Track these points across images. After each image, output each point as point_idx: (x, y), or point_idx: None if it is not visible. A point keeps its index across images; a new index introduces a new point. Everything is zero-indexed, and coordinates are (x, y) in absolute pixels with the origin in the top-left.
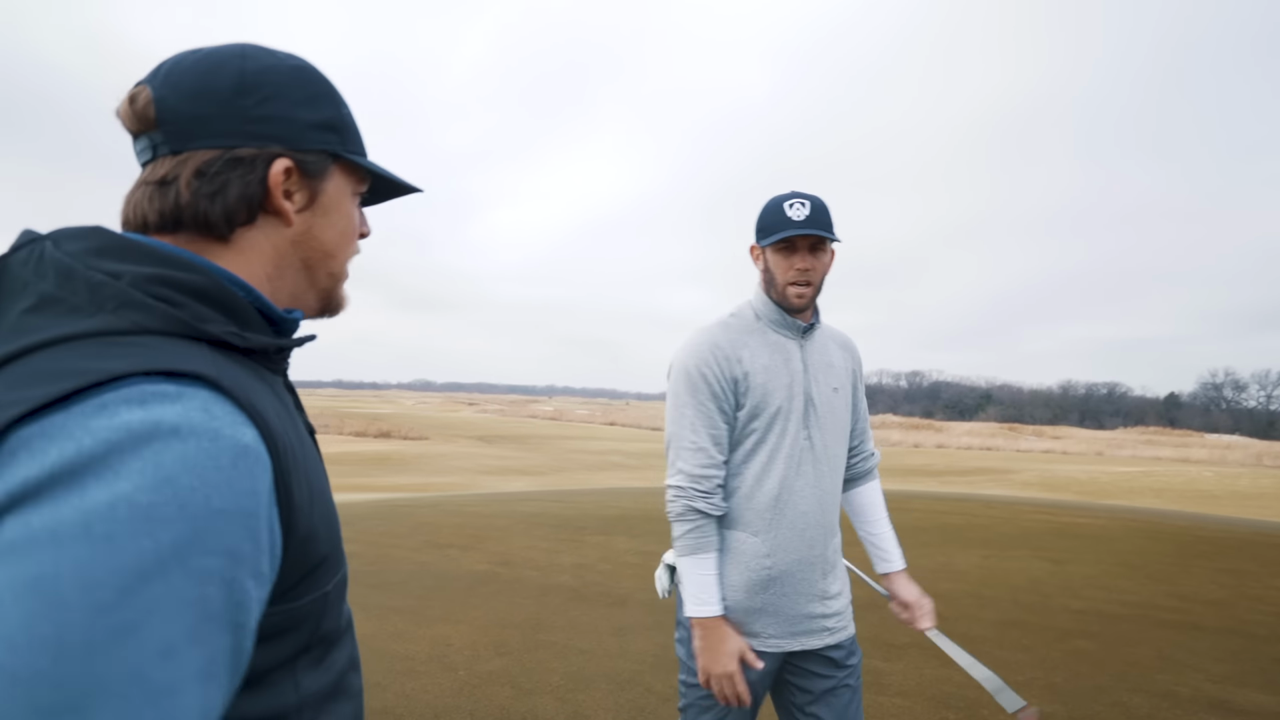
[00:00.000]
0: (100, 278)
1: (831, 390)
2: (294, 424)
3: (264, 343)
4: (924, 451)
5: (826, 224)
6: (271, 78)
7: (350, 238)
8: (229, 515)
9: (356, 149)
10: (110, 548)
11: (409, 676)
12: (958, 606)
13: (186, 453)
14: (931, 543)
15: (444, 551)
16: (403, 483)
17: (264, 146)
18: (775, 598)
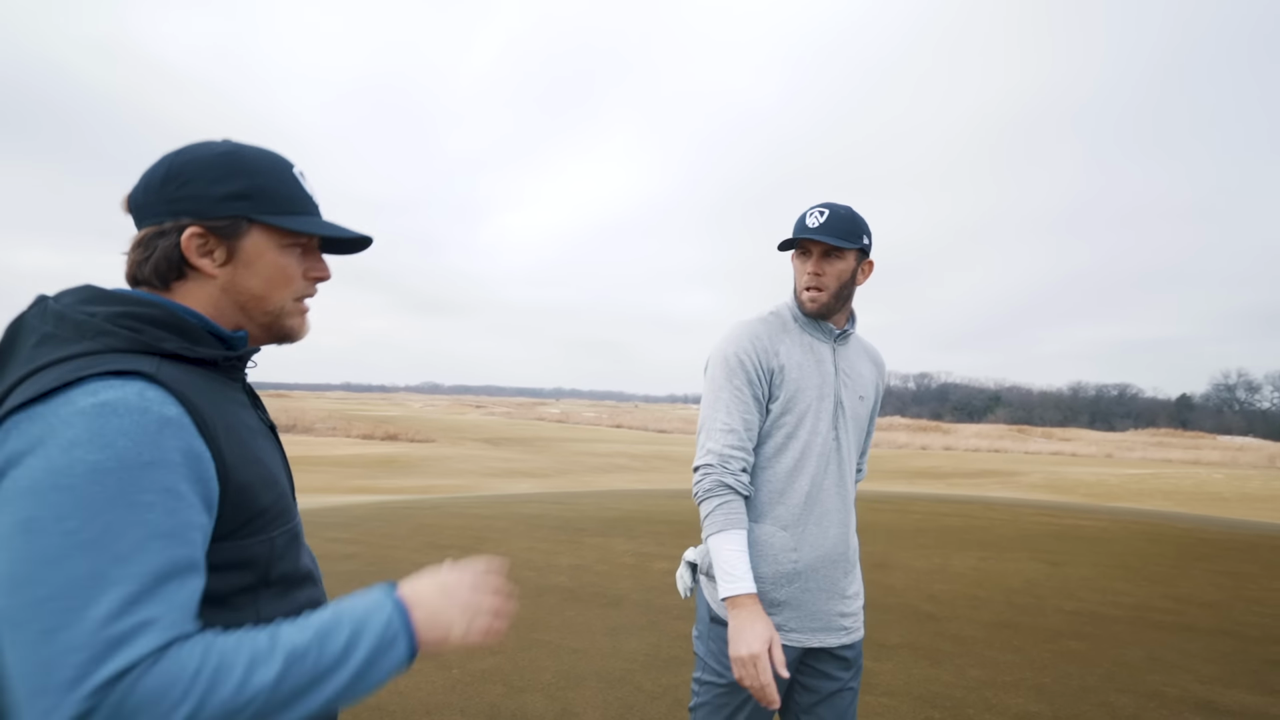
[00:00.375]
0: (83, 317)
1: (858, 398)
2: (239, 414)
3: (210, 354)
4: (931, 454)
5: (839, 232)
6: (192, 166)
7: (280, 283)
8: (156, 465)
9: (274, 210)
10: (72, 493)
11: (403, 675)
12: (951, 608)
13: (122, 423)
14: (929, 545)
15: (444, 552)
16: (408, 485)
17: (178, 219)
18: (800, 592)
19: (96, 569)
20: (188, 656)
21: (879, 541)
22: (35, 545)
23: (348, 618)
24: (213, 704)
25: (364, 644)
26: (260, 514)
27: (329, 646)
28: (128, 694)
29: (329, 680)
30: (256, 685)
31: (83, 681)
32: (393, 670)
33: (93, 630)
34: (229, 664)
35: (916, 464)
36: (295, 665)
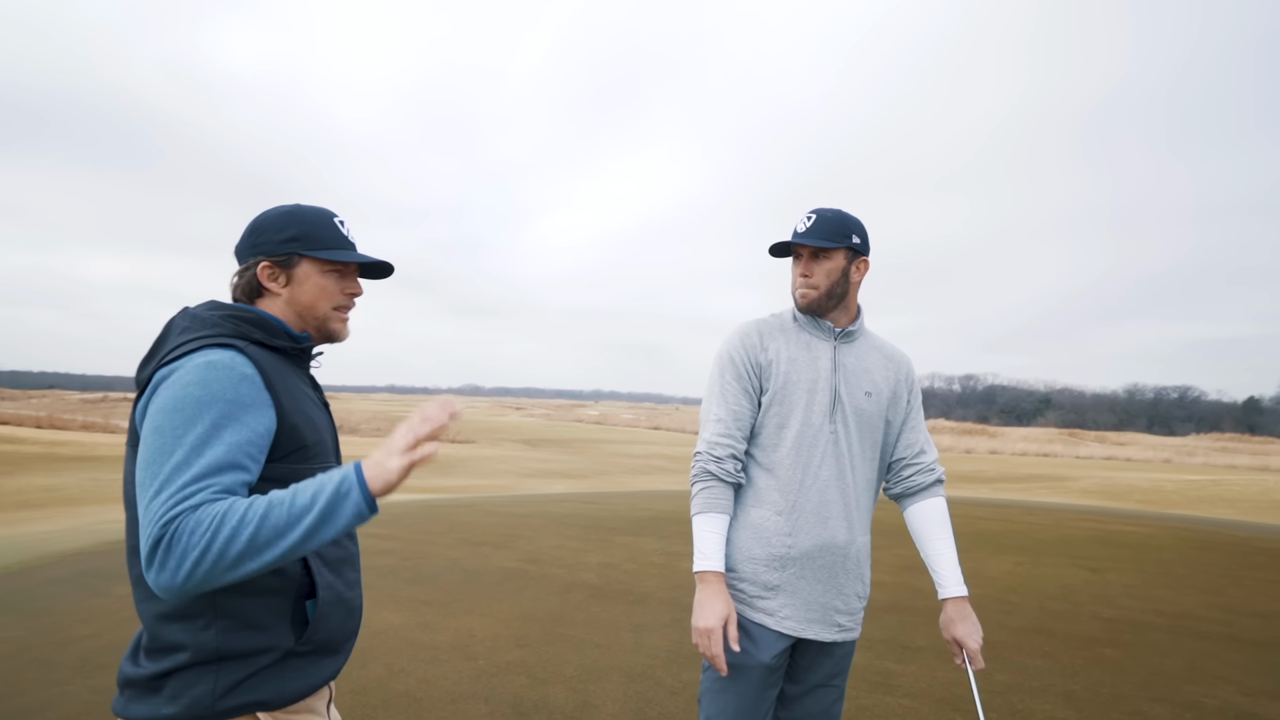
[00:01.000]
0: (206, 316)
1: (864, 394)
2: (299, 386)
3: (282, 344)
4: (976, 458)
5: (825, 234)
6: (264, 223)
7: (323, 297)
8: (235, 402)
9: (317, 247)
10: (182, 412)
11: (431, 664)
12: (982, 613)
13: (218, 374)
14: (963, 548)
15: (476, 549)
16: (448, 484)
17: (255, 258)
18: (794, 579)
19: (187, 458)
20: (215, 506)
21: (909, 544)
22: (159, 441)
23: (319, 479)
24: (222, 534)
25: (325, 493)
26: (303, 448)
27: (300, 497)
28: (179, 527)
29: (301, 520)
30: (248, 522)
31: (163, 518)
32: (354, 515)
33: (177, 489)
34: (234, 509)
35: (960, 468)
36: (275, 509)
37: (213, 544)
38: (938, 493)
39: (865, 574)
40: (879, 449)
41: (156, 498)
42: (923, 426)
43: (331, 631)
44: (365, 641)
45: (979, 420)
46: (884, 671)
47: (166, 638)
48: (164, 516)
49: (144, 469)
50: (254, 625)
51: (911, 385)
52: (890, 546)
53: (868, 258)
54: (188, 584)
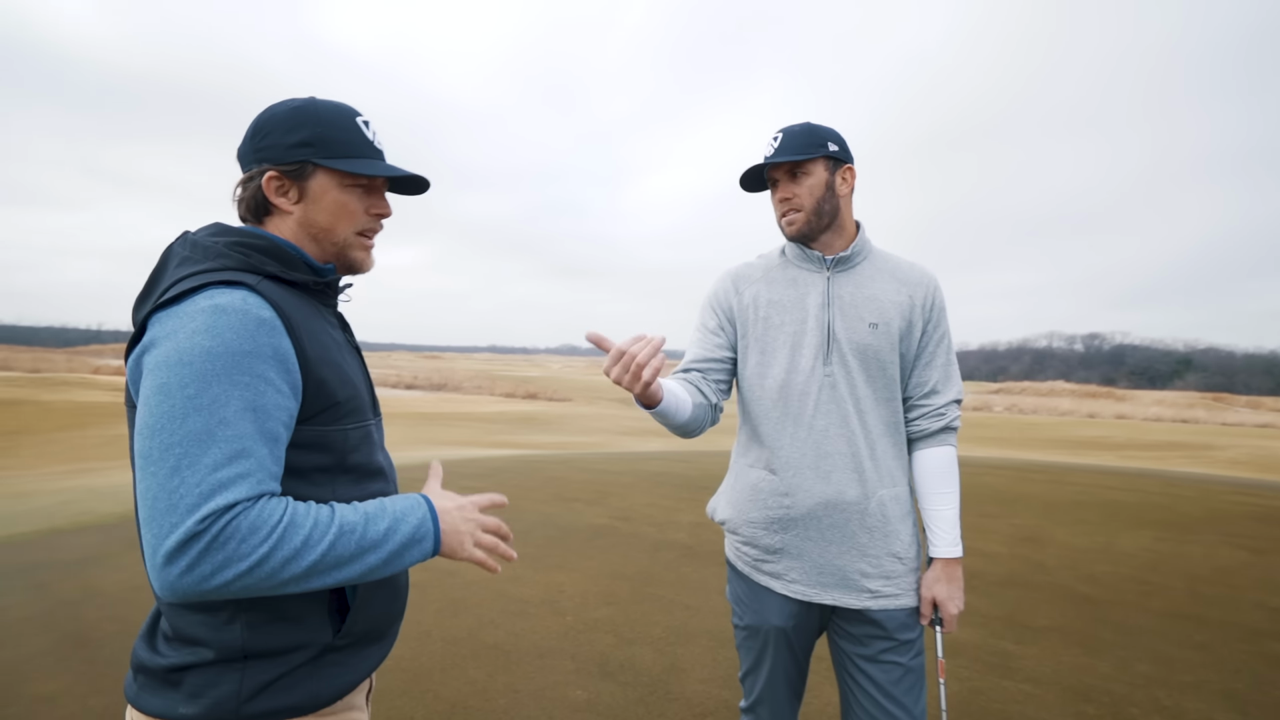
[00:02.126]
0: (209, 243)
1: (867, 327)
2: (325, 328)
3: (302, 278)
4: (1099, 423)
5: (796, 148)
6: (271, 121)
7: (344, 217)
8: (253, 354)
9: (334, 155)
10: (191, 367)
11: (520, 617)
12: (1115, 591)
13: (229, 320)
14: (1090, 520)
15: (569, 505)
16: (545, 441)
17: (260, 165)
18: (799, 540)
19: (208, 427)
20: (273, 510)
21: (1028, 514)
22: (165, 403)
23: (390, 510)
24: (281, 552)
25: (400, 533)
26: (335, 405)
27: (372, 528)
28: (227, 525)
29: (368, 555)
30: (314, 544)
31: (199, 507)
32: (418, 559)
33: (207, 471)
34: (299, 524)
35: (1080, 433)
36: (344, 537)
37: (270, 558)
38: (945, 441)
39: (903, 531)
40: (893, 387)
41: (178, 477)
42: (942, 362)
43: (375, 618)
44: (458, 592)
45: (1104, 382)
46: (1000, 652)
47: (186, 630)
48: (204, 508)
49: (151, 436)
50: (286, 619)
51: (932, 311)
52: (1004, 515)
53: (852, 165)
54: (219, 593)
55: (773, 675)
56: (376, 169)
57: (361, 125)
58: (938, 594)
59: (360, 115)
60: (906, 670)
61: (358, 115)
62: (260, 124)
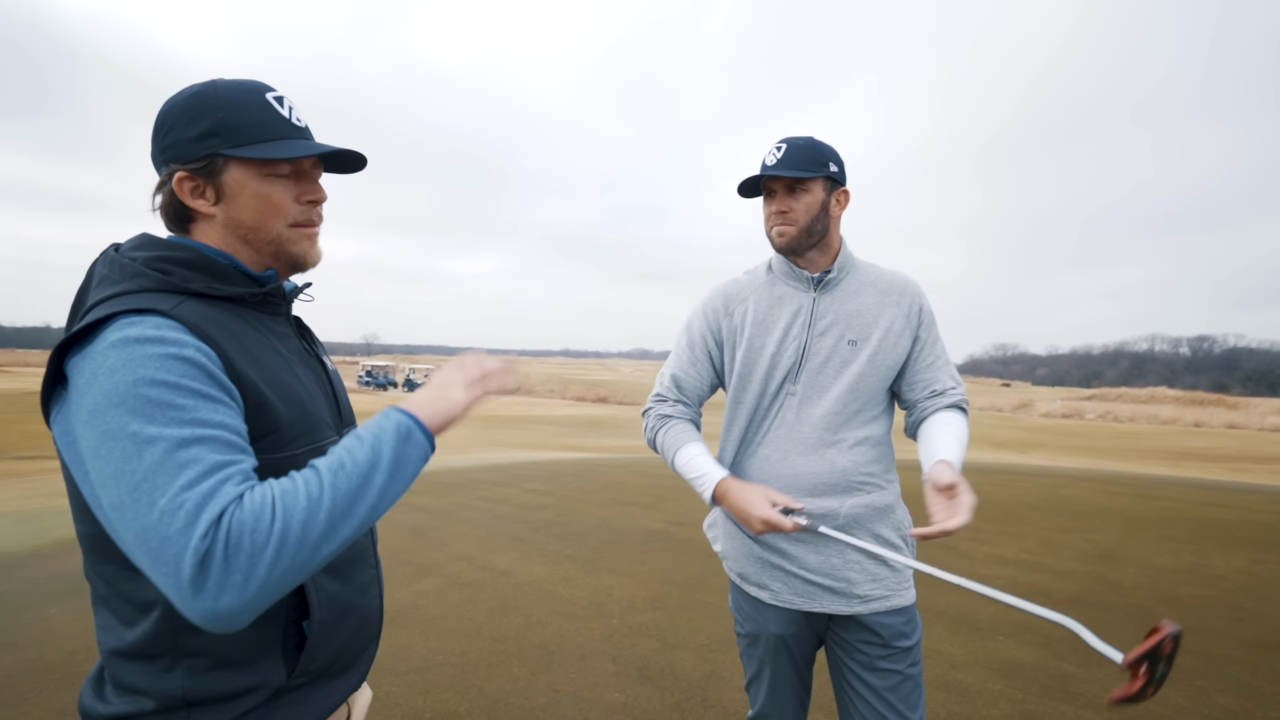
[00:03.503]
0: (127, 261)
1: (846, 344)
2: (269, 343)
3: (238, 292)
4: (1207, 432)
5: (799, 163)
6: (171, 114)
7: (270, 212)
8: (174, 386)
9: (243, 141)
10: (125, 406)
11: (568, 619)
12: (1200, 617)
13: (145, 350)
14: (1180, 538)
15: (625, 509)
16: (612, 444)
17: (168, 166)
18: (776, 556)
19: (166, 451)
20: (261, 493)
21: (1107, 529)
22: (116, 448)
23: (362, 433)
24: (295, 519)
25: (385, 443)
26: (277, 430)
27: (357, 455)
28: (230, 528)
29: (372, 478)
30: (317, 498)
31: (194, 525)
32: (421, 457)
33: (183, 490)
34: (292, 490)
35: (1184, 443)
36: (338, 475)
37: (288, 533)
38: (955, 409)
39: (885, 530)
40: (872, 399)
41: (157, 509)
42: (943, 363)
43: (338, 651)
44: (510, 591)
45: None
46: (1061, 675)
47: (125, 679)
48: (199, 525)
49: (116, 484)
50: (231, 663)
51: (918, 318)
52: (1079, 530)
53: (847, 188)
54: (264, 594)
55: (775, 684)
56: (293, 149)
57: (273, 102)
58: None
59: (272, 90)
60: (904, 678)
61: (268, 90)
62: (162, 118)
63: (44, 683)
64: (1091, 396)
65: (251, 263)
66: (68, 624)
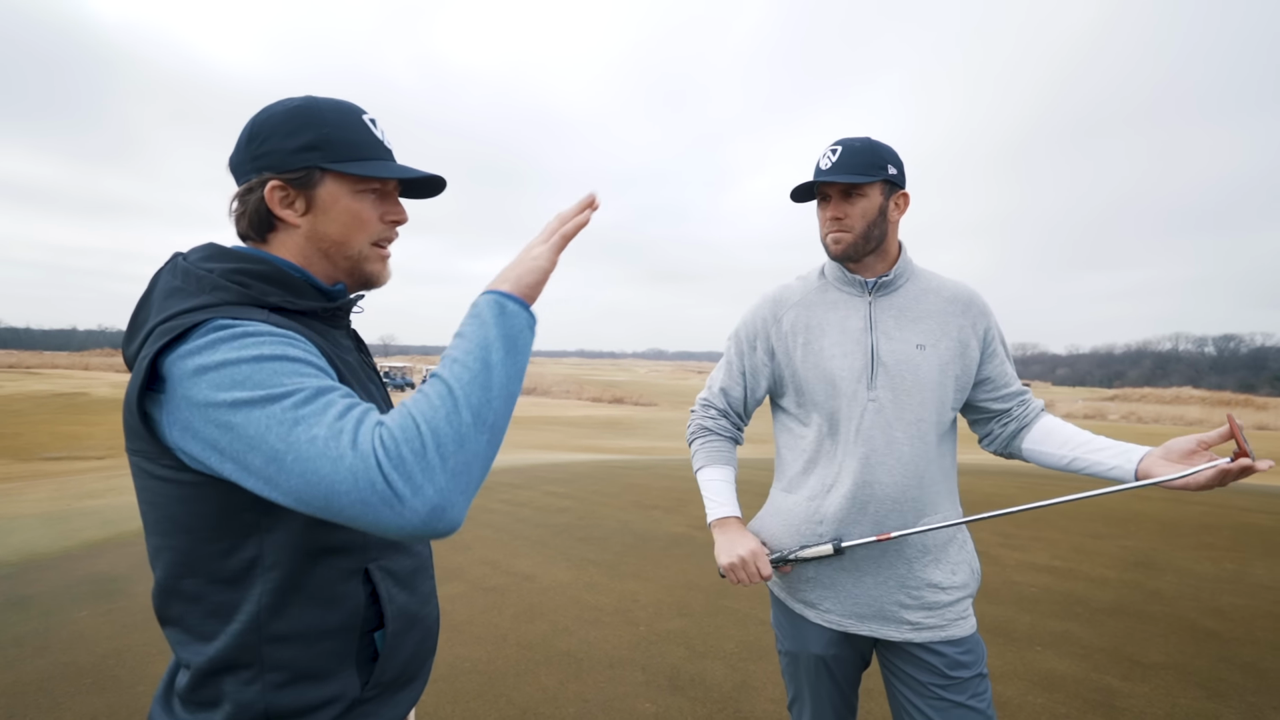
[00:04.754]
0: (202, 273)
1: (914, 347)
2: (342, 356)
3: (311, 306)
4: None
5: (856, 167)
6: (268, 124)
7: (357, 228)
8: (293, 358)
9: (343, 158)
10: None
11: (594, 625)
12: (1245, 628)
13: (255, 338)
14: (1218, 545)
15: (648, 512)
16: (629, 445)
17: (261, 175)
18: (831, 570)
19: (305, 399)
20: (397, 412)
21: (1143, 535)
22: (254, 411)
23: (461, 328)
24: (438, 419)
25: (487, 323)
26: None
27: (466, 345)
28: (391, 439)
29: (489, 360)
30: (445, 392)
31: (362, 438)
32: (525, 326)
33: (337, 418)
34: (420, 400)
35: None
36: (454, 368)
37: (441, 428)
38: (1048, 414)
39: (946, 561)
40: (945, 409)
41: (319, 439)
42: (1012, 370)
43: (407, 662)
44: (535, 597)
45: (1241, 389)
46: (1104, 688)
47: (205, 691)
48: (365, 437)
49: (263, 441)
50: (310, 675)
51: (985, 328)
52: (1113, 536)
53: (906, 191)
54: (454, 493)
55: (817, 705)
56: (392, 170)
57: (369, 123)
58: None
59: (366, 113)
60: (967, 710)
61: (363, 113)
62: (257, 128)
63: (76, 687)
64: (1114, 397)
65: (324, 276)
66: (98, 627)
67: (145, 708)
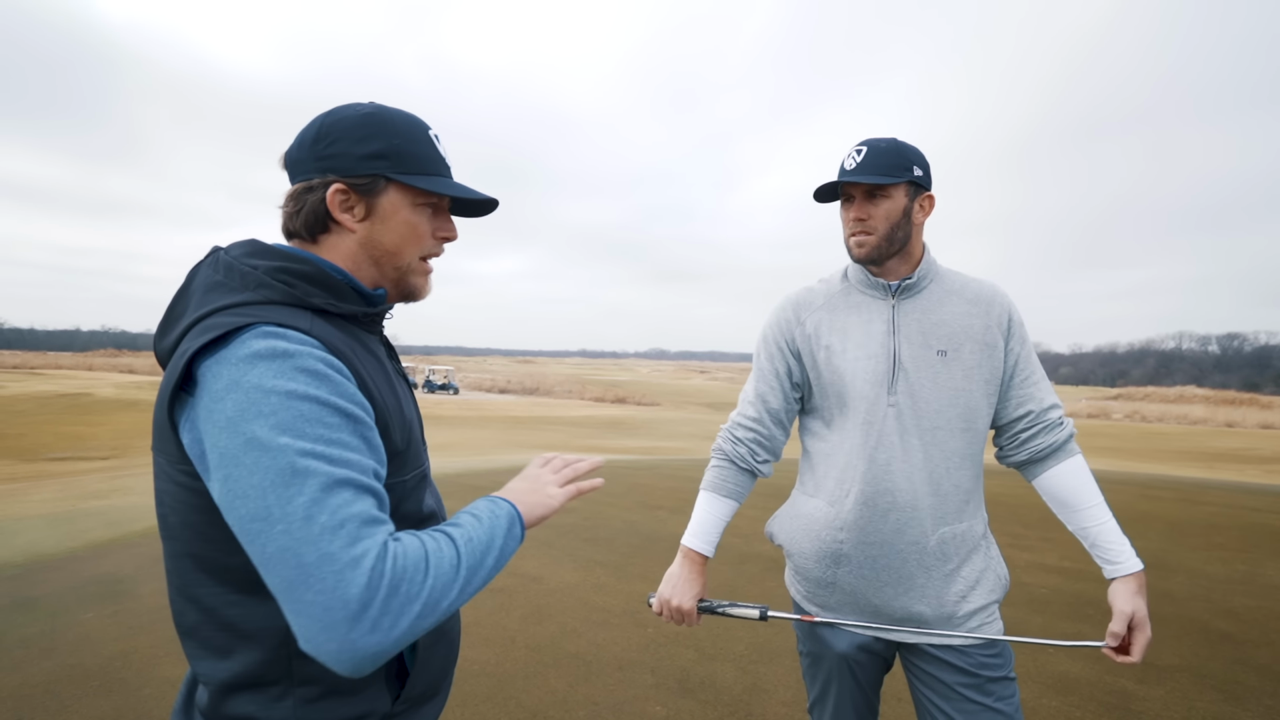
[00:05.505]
0: (246, 269)
1: (935, 353)
2: (378, 364)
3: (352, 310)
4: (1240, 433)
5: (880, 168)
6: (338, 126)
7: (412, 240)
8: (331, 400)
9: (410, 170)
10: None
11: (603, 627)
12: (1260, 630)
13: (299, 363)
14: (1228, 545)
15: (653, 513)
16: (633, 445)
17: (324, 176)
18: (850, 577)
19: (321, 469)
20: (416, 543)
21: (1153, 536)
22: (264, 458)
23: (479, 514)
24: (441, 579)
25: (499, 530)
26: (395, 456)
27: (479, 534)
28: (395, 564)
29: (486, 561)
30: (455, 565)
31: (361, 548)
32: (515, 547)
33: (344, 506)
34: (436, 551)
35: (1217, 444)
36: (467, 548)
37: (434, 590)
38: (1074, 450)
39: (969, 569)
40: (971, 415)
41: (316, 525)
42: (1039, 375)
43: (434, 676)
44: (542, 599)
45: (1245, 388)
46: (1120, 691)
47: (231, 706)
48: (365, 550)
49: (262, 494)
50: (340, 691)
51: (1010, 328)
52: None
53: (931, 193)
54: (393, 647)
55: (839, 706)
56: (455, 189)
57: (434, 139)
58: (1139, 610)
59: (431, 128)
60: (993, 712)
61: (429, 128)
62: (327, 129)
63: (83, 689)
64: (1117, 396)
65: (369, 282)
66: (104, 629)
67: (152, 711)
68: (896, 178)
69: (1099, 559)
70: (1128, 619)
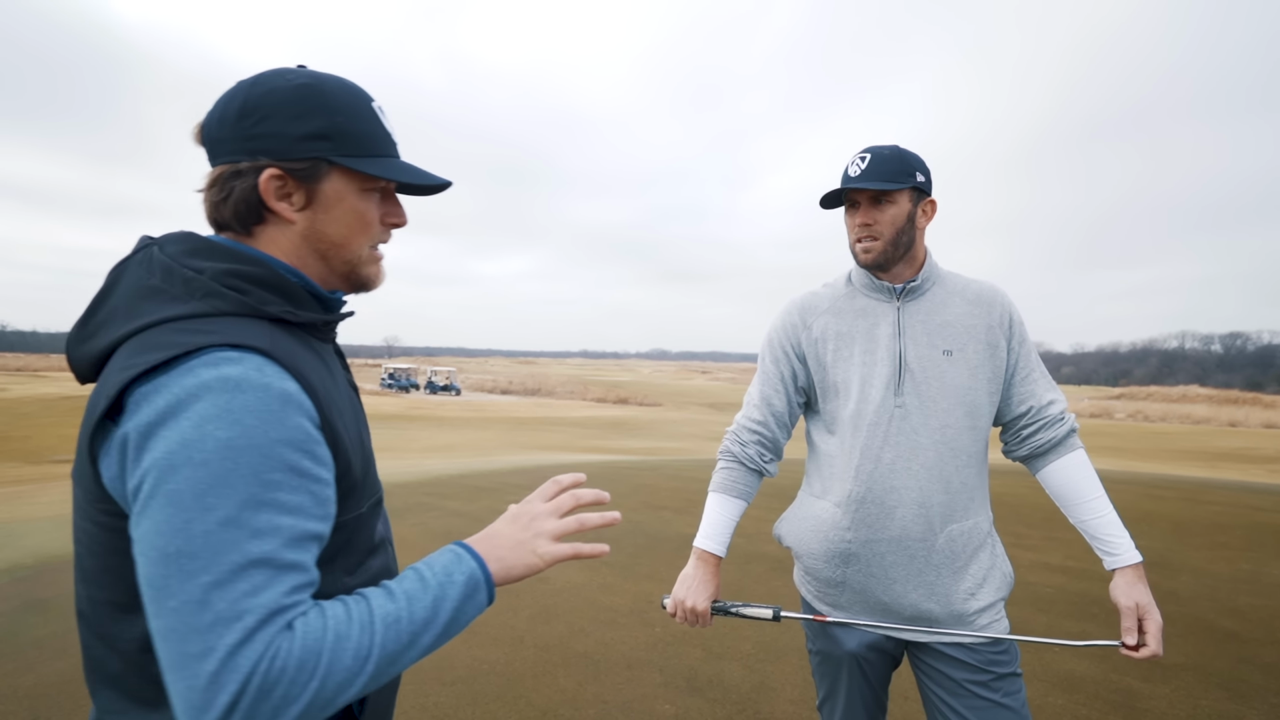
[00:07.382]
0: (189, 274)
1: (941, 353)
2: (334, 381)
3: (312, 319)
4: (1243, 432)
5: (884, 175)
6: (269, 100)
7: (360, 230)
8: (281, 443)
9: (355, 152)
10: (207, 469)
11: (610, 627)
12: (1265, 629)
13: (247, 400)
14: (1232, 544)
15: (658, 513)
16: (635, 446)
17: (255, 159)
18: (859, 576)
19: (237, 542)
20: (314, 636)
21: (1156, 535)
22: (178, 517)
23: (430, 578)
24: (335, 679)
25: (450, 600)
26: (352, 490)
27: (417, 608)
28: (274, 664)
29: (421, 638)
30: (362, 657)
31: (245, 649)
32: (475, 615)
33: (247, 596)
34: (345, 636)
35: (1220, 444)
36: (390, 630)
37: (321, 691)
38: (1076, 444)
39: (977, 567)
40: (976, 414)
41: (209, 612)
42: (1040, 372)
43: (382, 709)
44: (550, 598)
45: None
46: (1125, 690)
47: None
48: (248, 650)
49: (165, 562)
50: None
51: (1010, 327)
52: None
53: (934, 198)
54: None
55: (849, 704)
56: (410, 173)
57: (378, 112)
58: (1140, 599)
59: (374, 99)
60: (1000, 708)
61: (372, 100)
62: (254, 103)
63: None
64: (1120, 395)
65: (320, 280)
66: None
67: None
68: (900, 184)
69: (1099, 550)
70: (1134, 614)
